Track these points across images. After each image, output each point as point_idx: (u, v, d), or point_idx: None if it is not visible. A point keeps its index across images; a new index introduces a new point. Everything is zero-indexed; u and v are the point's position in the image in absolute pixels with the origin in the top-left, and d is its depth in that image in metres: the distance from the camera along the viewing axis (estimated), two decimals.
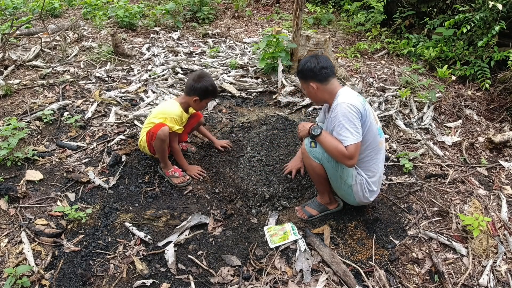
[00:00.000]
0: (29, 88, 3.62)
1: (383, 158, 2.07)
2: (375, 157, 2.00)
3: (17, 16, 6.05)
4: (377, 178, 2.07)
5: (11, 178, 2.42)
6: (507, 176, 2.74)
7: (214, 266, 1.93)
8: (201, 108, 2.54)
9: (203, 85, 2.34)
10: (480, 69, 4.02)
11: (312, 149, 1.98)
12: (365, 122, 1.87)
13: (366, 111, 1.89)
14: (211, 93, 2.40)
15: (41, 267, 1.87)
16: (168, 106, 2.45)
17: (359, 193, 2.04)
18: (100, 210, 2.25)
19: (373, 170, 2.03)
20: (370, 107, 2.02)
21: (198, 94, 2.36)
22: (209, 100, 2.46)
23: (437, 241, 2.11)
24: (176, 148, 2.49)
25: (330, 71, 1.96)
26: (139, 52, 4.78)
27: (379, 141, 1.99)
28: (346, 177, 2.00)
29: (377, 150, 2.00)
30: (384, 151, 2.08)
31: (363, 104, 1.90)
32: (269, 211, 2.34)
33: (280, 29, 4.02)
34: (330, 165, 1.98)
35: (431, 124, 3.34)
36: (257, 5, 7.75)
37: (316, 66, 1.94)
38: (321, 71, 1.94)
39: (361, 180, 2.01)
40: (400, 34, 5.37)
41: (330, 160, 1.96)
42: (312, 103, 3.53)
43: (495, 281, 1.89)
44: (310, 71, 1.96)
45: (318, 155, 1.98)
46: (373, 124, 1.93)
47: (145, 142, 2.43)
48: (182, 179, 2.46)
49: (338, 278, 1.87)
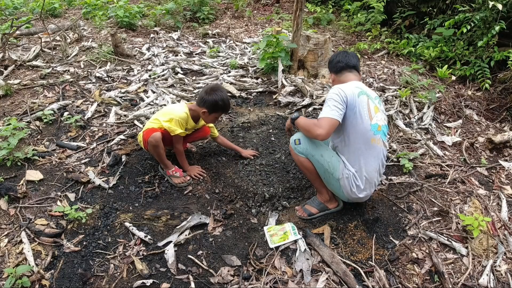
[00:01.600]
0: (29, 88, 3.62)
1: (377, 156, 2.04)
2: (365, 152, 2.00)
3: (17, 16, 6.05)
4: (367, 175, 2.03)
5: (11, 178, 2.42)
6: (507, 176, 2.74)
7: (214, 266, 1.93)
8: (211, 122, 2.46)
9: (213, 99, 2.29)
10: (480, 69, 4.02)
11: (296, 146, 2.13)
12: (352, 110, 1.95)
13: (356, 101, 1.95)
14: (221, 108, 2.33)
15: (41, 267, 1.87)
16: (176, 108, 2.43)
17: (347, 187, 2.06)
18: (100, 210, 2.25)
19: (361, 165, 2.01)
20: (373, 105, 2.02)
21: (207, 107, 2.32)
22: (218, 114, 2.39)
23: (437, 241, 2.11)
24: (179, 150, 2.47)
25: (345, 65, 2.15)
26: (139, 52, 4.78)
27: (372, 138, 1.99)
28: (332, 170, 2.06)
29: (369, 146, 1.99)
30: (381, 151, 2.05)
31: (355, 94, 1.97)
32: (269, 211, 2.34)
33: (280, 29, 4.02)
34: (315, 159, 2.10)
35: (431, 124, 3.34)
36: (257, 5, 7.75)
37: (334, 59, 2.20)
38: (337, 64, 2.18)
39: (348, 174, 2.03)
40: (400, 34, 5.37)
41: (315, 154, 2.08)
42: (312, 103, 3.53)
43: (495, 281, 1.89)
44: (329, 63, 2.25)
45: (303, 150, 2.11)
46: (364, 117, 1.96)
47: (142, 137, 2.43)
48: (183, 179, 2.46)
49: (338, 278, 1.87)
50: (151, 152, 2.39)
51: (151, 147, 2.31)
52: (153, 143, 2.28)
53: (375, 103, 2.05)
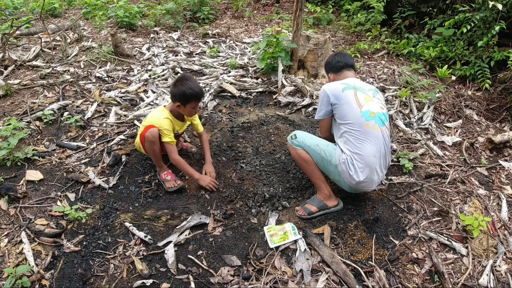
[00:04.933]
0: (29, 88, 3.62)
1: (373, 141, 2.06)
2: (360, 137, 2.06)
3: (17, 16, 6.05)
4: (364, 159, 2.05)
5: (11, 178, 2.42)
6: (507, 176, 2.74)
7: (214, 266, 1.93)
8: (190, 114, 2.38)
9: (181, 90, 2.22)
10: (480, 69, 4.02)
11: (293, 140, 2.27)
12: (339, 103, 2.13)
13: (340, 96, 2.14)
14: (192, 96, 2.24)
15: (41, 267, 1.87)
16: (157, 116, 2.35)
17: (345, 173, 2.09)
18: (100, 210, 2.25)
19: (358, 149, 2.06)
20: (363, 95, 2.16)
21: (179, 99, 2.26)
22: (193, 104, 2.29)
23: (437, 241, 2.11)
24: (177, 160, 2.37)
25: (344, 64, 2.33)
26: (139, 52, 4.78)
27: (365, 123, 2.07)
28: (329, 157, 2.15)
29: (363, 131, 2.07)
30: (378, 136, 2.08)
31: (339, 90, 2.15)
32: (269, 211, 2.34)
33: (280, 29, 4.02)
34: (311, 149, 2.20)
35: (431, 124, 3.34)
36: (257, 5, 7.75)
37: (333, 59, 2.37)
38: (336, 64, 2.35)
39: (344, 159, 2.08)
40: (400, 34, 5.37)
41: (311, 144, 2.20)
42: (312, 103, 3.53)
43: (495, 281, 1.89)
44: (328, 64, 2.41)
45: (299, 143, 2.23)
46: (352, 106, 2.10)
47: (139, 141, 2.43)
48: (173, 183, 2.39)
49: (338, 278, 1.87)
50: (148, 150, 2.36)
51: (148, 142, 2.28)
52: (150, 138, 2.25)
53: (367, 94, 2.17)
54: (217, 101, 3.58)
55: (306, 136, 2.24)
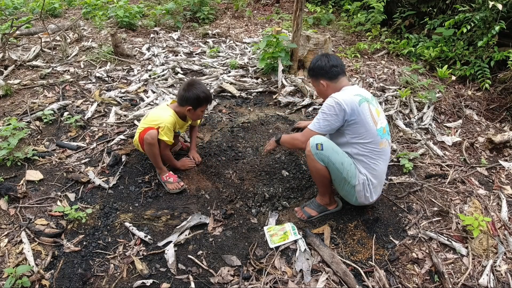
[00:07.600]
0: (29, 88, 3.62)
1: (385, 159, 2.06)
2: (375, 157, 2.00)
3: (17, 16, 6.05)
4: (379, 180, 2.07)
5: (11, 178, 2.42)
6: (507, 176, 2.74)
7: (214, 266, 1.93)
8: (197, 118, 2.46)
9: (195, 94, 2.28)
10: (480, 69, 4.02)
11: (318, 152, 1.94)
12: (355, 120, 1.91)
13: (358, 111, 1.90)
14: (204, 100, 2.32)
15: (41, 267, 1.87)
16: (162, 113, 2.37)
17: (361, 192, 2.04)
18: (100, 210, 2.25)
19: (373, 169, 2.02)
20: (374, 108, 2.00)
21: (191, 104, 2.31)
22: (203, 108, 2.38)
23: (437, 241, 2.11)
24: (166, 155, 2.46)
25: (340, 69, 2.04)
26: (139, 52, 4.78)
27: (380, 142, 1.99)
28: (350, 179, 1.99)
29: (378, 151, 1.99)
30: (388, 152, 2.07)
31: (356, 103, 1.90)
32: (269, 211, 2.34)
33: (280, 29, 4.01)
34: (335, 167, 1.97)
35: (431, 124, 3.34)
36: (257, 5, 7.75)
37: (326, 64, 2.03)
38: (331, 69, 2.03)
39: (363, 179, 2.01)
40: (400, 34, 5.37)
41: (336, 162, 1.95)
42: (312, 103, 3.53)
43: (495, 281, 1.89)
44: (320, 69, 2.05)
45: (324, 158, 1.95)
46: (369, 124, 1.93)
47: (138, 140, 2.43)
48: (176, 185, 2.40)
49: (338, 278, 1.87)
50: (147, 152, 2.36)
51: (147, 145, 2.29)
52: (149, 140, 2.26)
53: (375, 106, 2.02)
54: (217, 101, 3.58)
55: (333, 150, 1.95)
